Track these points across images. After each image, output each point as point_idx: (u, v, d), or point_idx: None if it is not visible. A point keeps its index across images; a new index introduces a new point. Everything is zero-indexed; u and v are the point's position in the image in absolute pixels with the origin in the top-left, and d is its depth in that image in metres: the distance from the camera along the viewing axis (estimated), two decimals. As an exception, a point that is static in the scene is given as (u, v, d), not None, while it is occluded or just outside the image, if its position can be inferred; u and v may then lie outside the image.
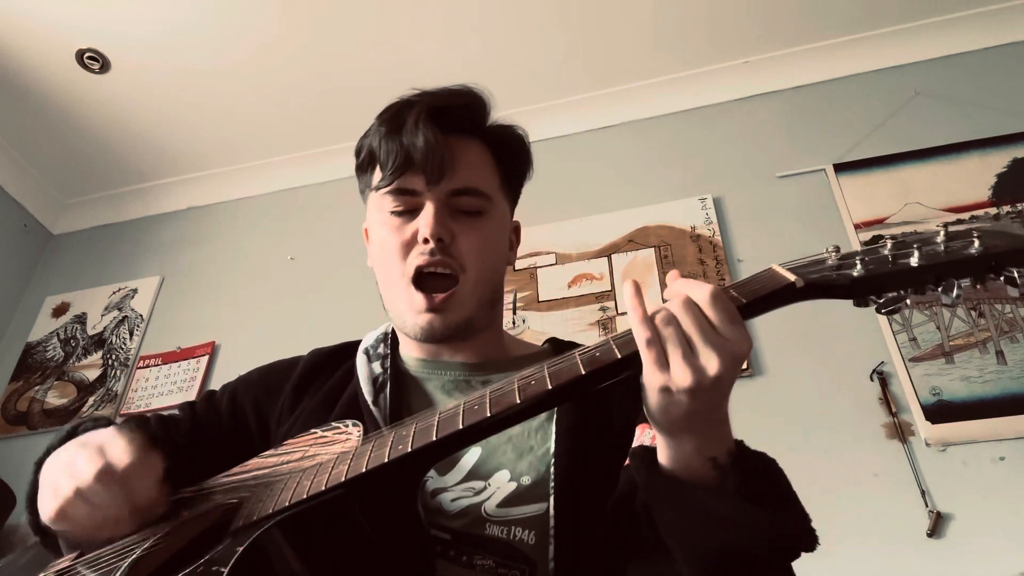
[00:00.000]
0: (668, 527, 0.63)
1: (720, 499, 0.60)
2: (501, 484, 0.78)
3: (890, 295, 0.58)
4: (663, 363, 0.58)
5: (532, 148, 1.00)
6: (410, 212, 0.87)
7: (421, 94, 0.91)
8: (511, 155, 0.96)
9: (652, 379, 0.59)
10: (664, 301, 0.62)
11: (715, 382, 0.57)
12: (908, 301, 0.58)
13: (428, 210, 0.85)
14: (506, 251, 0.96)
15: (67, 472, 0.71)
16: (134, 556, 0.68)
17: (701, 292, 0.60)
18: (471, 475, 0.79)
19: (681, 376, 0.57)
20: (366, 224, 1.00)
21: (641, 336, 0.59)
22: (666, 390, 0.58)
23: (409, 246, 0.86)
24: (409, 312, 0.87)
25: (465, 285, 0.86)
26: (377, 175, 0.90)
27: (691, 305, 0.59)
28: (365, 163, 0.94)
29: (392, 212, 0.88)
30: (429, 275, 0.85)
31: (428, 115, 0.86)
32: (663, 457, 0.64)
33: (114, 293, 3.03)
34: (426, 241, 0.84)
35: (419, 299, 0.85)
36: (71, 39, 2.64)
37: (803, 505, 0.64)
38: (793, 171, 2.47)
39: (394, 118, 0.89)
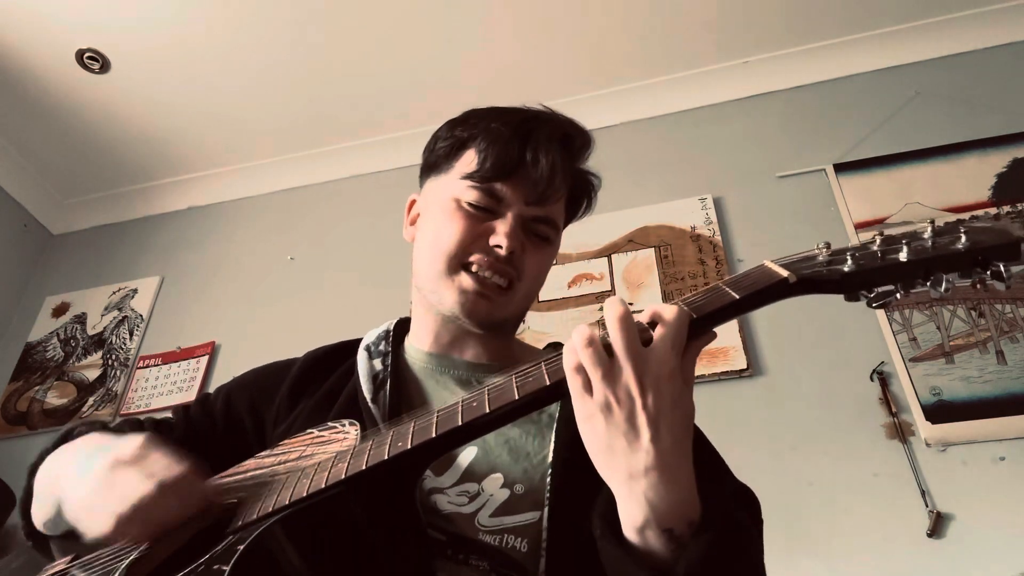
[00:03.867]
0: None
1: None
2: (494, 491, 0.77)
3: (880, 290, 0.59)
4: (588, 388, 0.59)
5: None
6: (486, 211, 0.87)
7: (550, 113, 0.92)
8: (578, 201, 0.99)
9: (575, 408, 0.60)
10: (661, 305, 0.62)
11: (626, 395, 0.58)
12: (898, 296, 0.59)
13: (509, 221, 0.86)
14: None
15: (112, 490, 0.69)
16: (131, 558, 0.68)
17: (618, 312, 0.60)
18: (466, 475, 0.79)
19: (596, 393, 0.58)
20: (416, 196, 1.00)
21: (568, 367, 0.60)
22: (589, 416, 0.59)
23: (475, 241, 0.86)
24: (451, 289, 0.87)
25: (515, 294, 0.88)
26: (466, 162, 0.89)
27: (623, 321, 0.59)
28: (454, 147, 0.92)
29: (470, 204, 0.87)
30: (482, 278, 0.86)
31: (562, 139, 0.88)
32: (621, 518, 0.62)
33: (114, 293, 3.03)
34: (498, 247, 0.85)
35: (469, 280, 0.86)
36: (71, 39, 2.65)
37: None
38: (793, 171, 2.47)
39: (521, 125, 0.88)
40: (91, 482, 0.71)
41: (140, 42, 2.66)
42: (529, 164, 0.86)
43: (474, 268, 0.86)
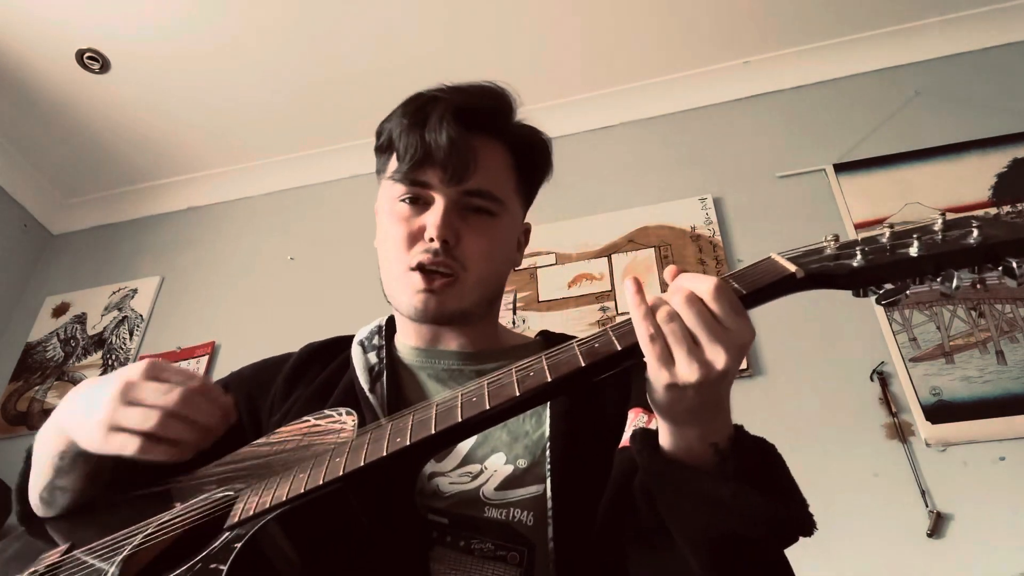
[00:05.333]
0: (668, 509, 0.64)
1: (719, 483, 0.60)
2: (497, 467, 0.78)
3: (889, 286, 0.58)
4: (667, 359, 0.58)
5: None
6: (420, 203, 0.87)
7: (448, 90, 0.90)
8: (530, 159, 0.95)
9: (658, 376, 0.59)
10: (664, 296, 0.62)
11: (721, 375, 0.57)
12: (908, 292, 0.58)
13: (438, 208, 0.85)
14: (512, 253, 0.96)
15: (132, 408, 0.69)
16: (126, 552, 0.68)
17: (704, 285, 0.59)
18: (467, 460, 0.80)
19: (687, 372, 0.57)
20: (377, 204, 0.99)
21: (643, 333, 0.59)
22: (672, 386, 0.58)
23: (415, 239, 0.86)
24: (406, 292, 0.87)
25: (465, 283, 0.86)
26: (393, 162, 0.90)
27: (694, 299, 0.59)
28: (384, 146, 0.93)
29: (401, 199, 0.88)
30: (430, 272, 0.85)
31: (454, 114, 0.86)
32: (665, 442, 0.65)
33: (114, 293, 3.03)
34: (432, 240, 0.84)
35: (417, 278, 0.85)
36: (71, 39, 2.65)
37: (800, 491, 0.65)
38: (793, 171, 2.46)
39: (418, 111, 0.87)
40: (105, 408, 0.70)
41: (140, 42, 2.66)
42: (432, 147, 0.84)
43: (418, 263, 0.85)
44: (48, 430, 0.82)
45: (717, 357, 0.57)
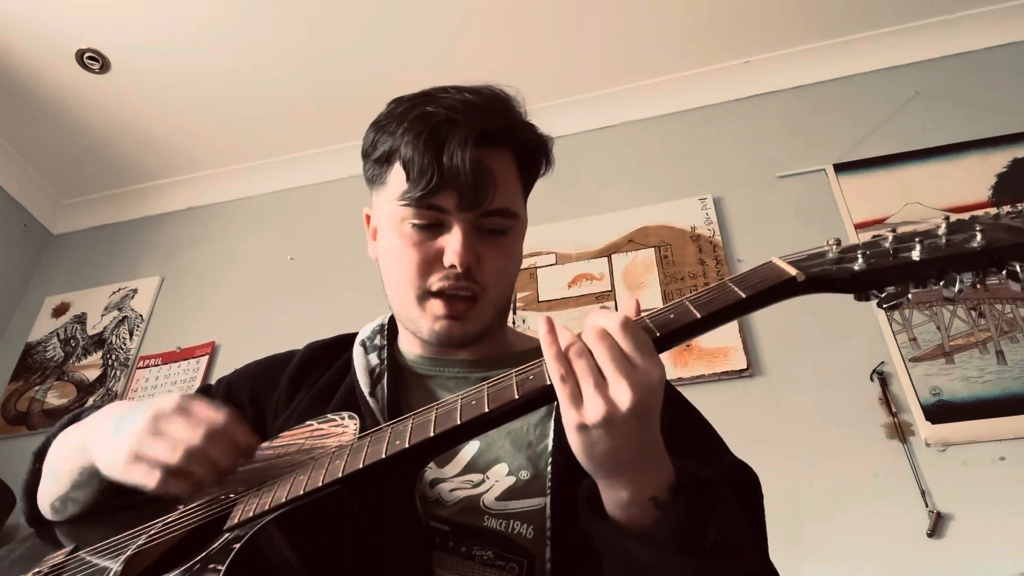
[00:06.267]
0: (607, 568, 0.64)
1: (649, 548, 0.59)
2: (499, 478, 0.77)
3: (891, 290, 0.58)
4: (577, 399, 0.57)
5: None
6: (433, 227, 0.82)
7: (461, 108, 0.82)
8: (534, 161, 0.92)
9: (568, 417, 0.58)
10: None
11: (629, 413, 0.56)
12: (910, 296, 0.58)
13: (457, 235, 0.80)
14: (522, 258, 0.94)
15: (159, 439, 0.69)
16: (129, 552, 0.68)
17: (612, 321, 0.58)
18: (469, 467, 0.79)
19: (594, 409, 0.56)
20: (369, 211, 0.96)
21: (555, 373, 0.58)
22: (583, 427, 0.57)
23: (430, 265, 0.82)
24: (425, 318, 0.84)
25: (485, 303, 0.84)
26: (397, 179, 0.83)
27: (603, 335, 0.58)
28: (383, 158, 0.86)
29: (414, 225, 0.82)
30: (450, 297, 0.83)
31: (478, 139, 0.80)
32: (604, 499, 0.63)
33: (114, 293, 3.03)
34: (452, 267, 0.80)
35: (438, 305, 0.82)
36: (71, 39, 2.65)
37: (748, 536, 0.63)
38: (793, 171, 2.46)
39: (433, 132, 0.80)
40: (132, 436, 0.70)
41: (140, 42, 2.66)
42: (451, 174, 0.78)
43: (437, 289, 0.82)
44: (68, 444, 0.82)
45: (621, 395, 0.55)
